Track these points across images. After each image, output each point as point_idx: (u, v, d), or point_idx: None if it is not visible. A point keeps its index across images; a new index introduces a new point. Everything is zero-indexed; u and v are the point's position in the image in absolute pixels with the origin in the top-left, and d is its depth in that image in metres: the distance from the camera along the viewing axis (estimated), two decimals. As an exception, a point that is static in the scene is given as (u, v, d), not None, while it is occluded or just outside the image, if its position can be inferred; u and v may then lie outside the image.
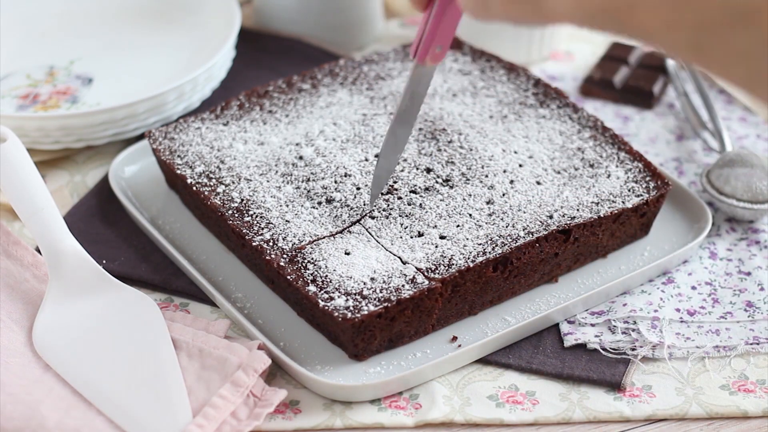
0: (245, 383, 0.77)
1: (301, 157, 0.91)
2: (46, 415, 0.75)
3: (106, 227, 0.94)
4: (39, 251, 0.89)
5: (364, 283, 0.79)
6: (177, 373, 0.78)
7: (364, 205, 0.86)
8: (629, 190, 0.88)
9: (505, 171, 0.89)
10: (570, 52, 1.18)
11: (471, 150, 0.91)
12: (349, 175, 0.89)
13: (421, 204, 0.86)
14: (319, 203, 0.87)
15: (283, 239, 0.83)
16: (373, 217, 0.85)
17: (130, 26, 1.16)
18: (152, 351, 0.80)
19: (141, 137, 1.02)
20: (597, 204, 0.87)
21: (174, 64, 1.10)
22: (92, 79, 1.08)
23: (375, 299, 0.78)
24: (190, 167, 0.90)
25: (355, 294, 0.79)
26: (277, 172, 0.89)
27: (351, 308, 0.78)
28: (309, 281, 0.80)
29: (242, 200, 0.87)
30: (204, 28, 1.13)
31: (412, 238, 0.84)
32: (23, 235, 0.93)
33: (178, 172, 0.90)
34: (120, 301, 0.84)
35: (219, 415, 0.76)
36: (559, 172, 0.90)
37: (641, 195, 0.88)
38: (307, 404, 0.79)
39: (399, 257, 0.82)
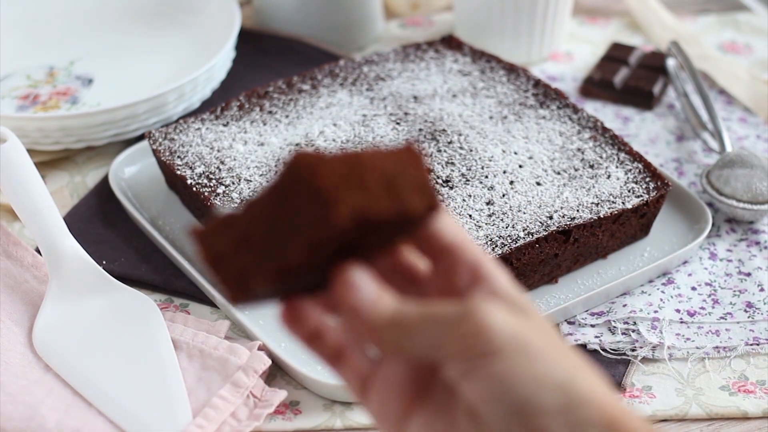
0: (245, 384, 0.77)
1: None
2: (46, 416, 0.75)
3: (106, 228, 0.94)
4: (39, 252, 0.88)
5: None
6: (177, 374, 0.78)
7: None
8: (629, 191, 0.88)
9: (504, 172, 0.89)
10: (570, 52, 1.18)
11: (471, 151, 0.91)
12: (349, 176, 0.88)
13: (421, 205, 0.86)
14: (319, 204, 0.86)
15: (283, 240, 0.83)
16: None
17: (131, 27, 1.16)
18: (152, 352, 0.80)
19: (141, 138, 1.02)
20: (597, 205, 0.87)
21: (174, 65, 1.10)
22: (92, 80, 1.08)
23: None
24: (190, 168, 0.90)
25: None
26: (277, 173, 0.89)
27: None
28: None
29: (242, 201, 0.87)
30: (204, 29, 1.13)
31: (412, 238, 0.83)
32: (23, 235, 0.93)
33: (178, 172, 0.90)
34: (120, 302, 0.84)
35: (219, 416, 0.76)
36: (558, 173, 0.89)
37: (641, 196, 0.88)
38: (308, 405, 0.79)
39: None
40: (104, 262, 0.89)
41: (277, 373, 0.81)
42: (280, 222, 0.49)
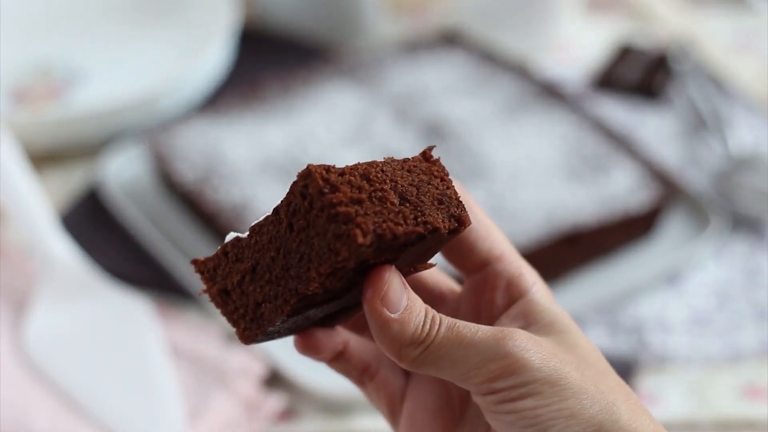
0: (242, 388, 0.77)
1: (300, 156, 0.90)
2: (36, 421, 0.74)
3: (100, 229, 0.93)
4: (31, 254, 0.87)
5: None
6: (172, 378, 0.78)
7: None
8: (634, 191, 0.87)
9: (507, 171, 0.88)
10: (576, 50, 1.18)
11: (472, 150, 0.90)
12: (349, 176, 0.88)
13: (421, 205, 0.85)
14: (318, 204, 0.86)
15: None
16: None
17: (125, 25, 1.15)
18: (147, 355, 0.79)
19: (136, 137, 1.01)
20: (602, 205, 0.86)
21: (170, 63, 1.09)
22: (87, 79, 1.08)
23: None
24: (187, 167, 0.89)
25: None
26: (275, 171, 0.89)
27: None
28: None
29: (240, 200, 0.86)
30: (201, 27, 1.12)
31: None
32: (16, 237, 0.92)
33: (175, 172, 0.89)
34: (114, 305, 0.83)
35: (215, 421, 0.75)
36: (563, 173, 0.89)
37: (647, 196, 0.87)
38: (305, 410, 0.78)
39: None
40: (98, 264, 0.88)
41: (275, 378, 0.80)
42: (292, 246, 0.44)
